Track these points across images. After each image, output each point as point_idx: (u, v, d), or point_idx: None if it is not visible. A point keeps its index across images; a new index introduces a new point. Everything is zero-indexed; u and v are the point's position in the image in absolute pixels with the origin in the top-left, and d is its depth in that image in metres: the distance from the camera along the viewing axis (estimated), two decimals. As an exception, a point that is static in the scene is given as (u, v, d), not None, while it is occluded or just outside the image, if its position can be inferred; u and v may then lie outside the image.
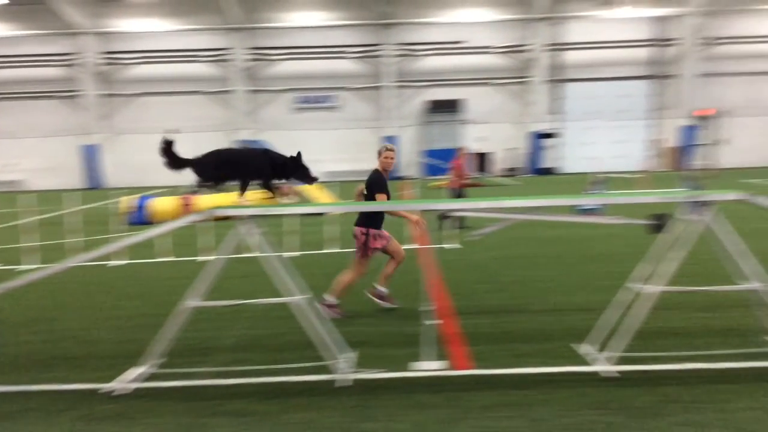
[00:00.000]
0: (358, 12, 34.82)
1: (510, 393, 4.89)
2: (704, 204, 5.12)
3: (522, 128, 36.06)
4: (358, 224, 6.99)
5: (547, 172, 36.20)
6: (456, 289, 8.26)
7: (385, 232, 7.09)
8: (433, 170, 33.17)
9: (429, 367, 5.38)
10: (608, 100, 35.39)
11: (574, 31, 35.03)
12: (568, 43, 35.19)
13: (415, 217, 7.00)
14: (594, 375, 5.19)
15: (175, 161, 6.29)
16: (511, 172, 36.22)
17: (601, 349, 5.49)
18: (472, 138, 33.98)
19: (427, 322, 5.56)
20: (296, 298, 5.12)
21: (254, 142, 32.94)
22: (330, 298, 7.05)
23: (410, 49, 35.47)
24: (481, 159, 35.21)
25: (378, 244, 6.99)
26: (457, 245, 11.56)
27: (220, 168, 6.32)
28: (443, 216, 13.53)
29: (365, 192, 7.04)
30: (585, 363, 5.41)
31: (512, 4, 34.71)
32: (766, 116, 34.79)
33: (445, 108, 35.45)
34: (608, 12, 34.14)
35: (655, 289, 5.17)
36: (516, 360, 5.55)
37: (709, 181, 23.24)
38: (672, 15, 34.24)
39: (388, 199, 6.97)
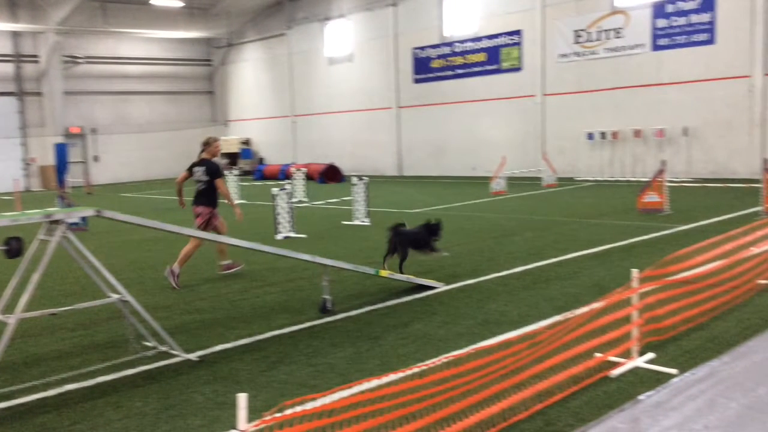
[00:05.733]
0: None
1: None
2: (56, 222, 5.02)
3: None
4: (201, 204, 8.60)
5: None
6: None
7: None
8: None
9: None
10: (-25, 118, 32.20)
11: None
12: None
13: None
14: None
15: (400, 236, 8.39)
16: None
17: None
18: None
19: None
20: None
21: None
22: (177, 268, 8.41)
23: None
24: None
25: (217, 222, 8.72)
26: None
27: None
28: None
29: (207, 178, 8.56)
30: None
31: None
32: (133, 134, 36.74)
33: None
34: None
35: (13, 317, 4.81)
36: None
37: (84, 199, 23.59)
38: (29, 31, 33.05)
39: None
